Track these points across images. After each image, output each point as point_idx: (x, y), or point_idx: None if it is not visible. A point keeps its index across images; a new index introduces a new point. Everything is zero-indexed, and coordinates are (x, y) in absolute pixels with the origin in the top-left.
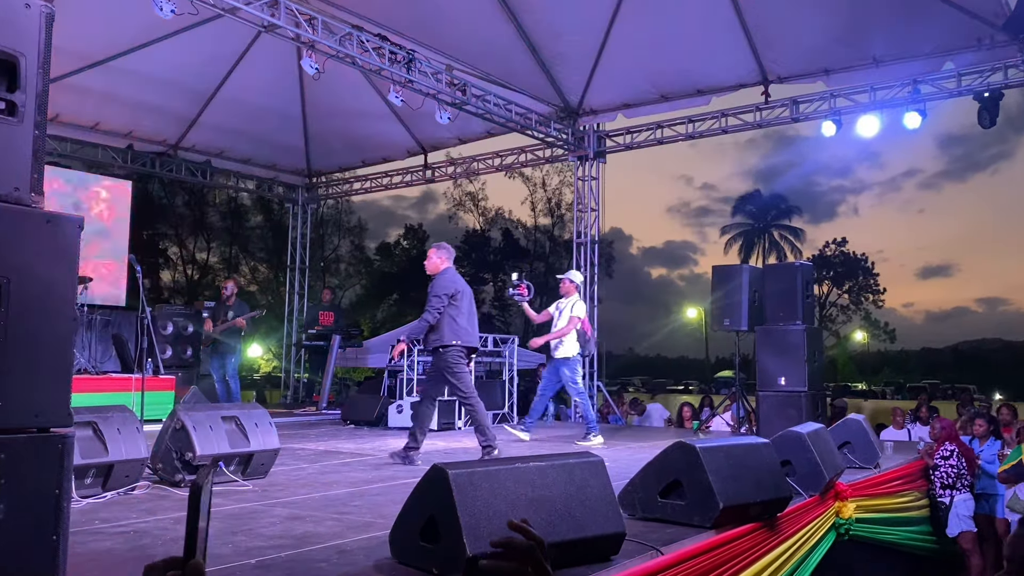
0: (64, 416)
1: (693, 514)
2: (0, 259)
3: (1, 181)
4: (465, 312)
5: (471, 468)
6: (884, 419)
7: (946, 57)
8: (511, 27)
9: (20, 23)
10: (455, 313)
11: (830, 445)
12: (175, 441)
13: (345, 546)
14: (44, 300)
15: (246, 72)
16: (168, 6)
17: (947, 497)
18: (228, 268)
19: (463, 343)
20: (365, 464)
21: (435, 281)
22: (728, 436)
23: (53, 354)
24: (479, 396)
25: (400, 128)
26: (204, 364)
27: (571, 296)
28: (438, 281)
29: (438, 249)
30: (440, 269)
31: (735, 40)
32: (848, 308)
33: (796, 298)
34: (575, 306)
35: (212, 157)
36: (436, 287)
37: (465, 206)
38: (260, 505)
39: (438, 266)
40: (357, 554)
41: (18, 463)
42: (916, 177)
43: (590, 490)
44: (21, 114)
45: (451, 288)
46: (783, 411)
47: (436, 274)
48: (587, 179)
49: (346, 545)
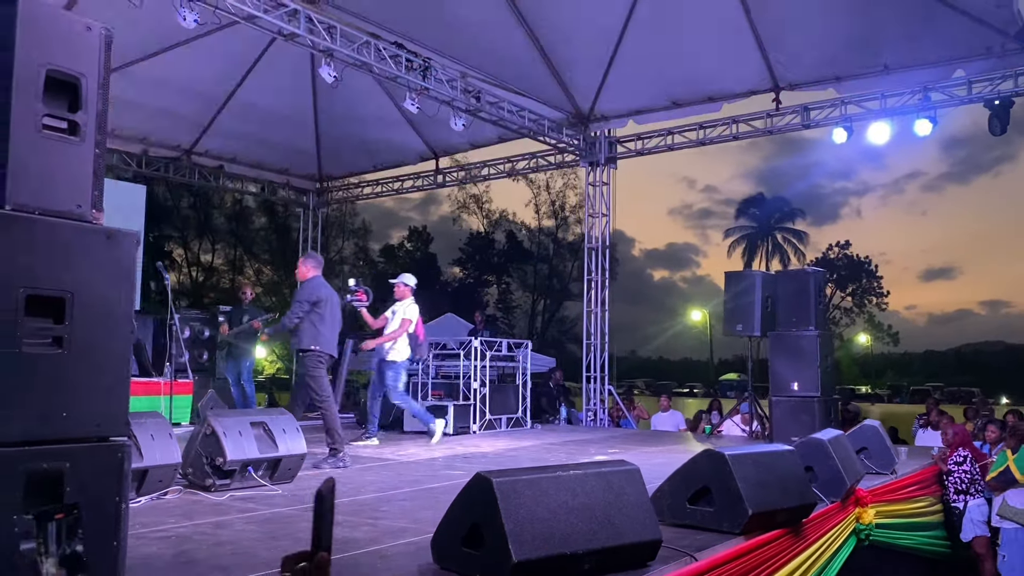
0: (122, 425)
1: (722, 520)
2: (63, 275)
3: (64, 198)
4: (328, 319)
5: (514, 476)
6: (894, 423)
7: (957, 65)
8: (524, 34)
9: (81, 45)
10: (317, 320)
11: (850, 452)
12: (205, 446)
13: (385, 551)
14: (104, 313)
15: (260, 78)
16: (191, 16)
17: (961, 502)
18: (233, 270)
19: (322, 349)
20: (387, 468)
21: (301, 287)
22: (743, 440)
23: (112, 366)
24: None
25: (412, 133)
26: (219, 368)
27: (405, 299)
28: (303, 288)
29: (307, 259)
30: (308, 277)
31: (746, 47)
32: (851, 311)
33: (809, 303)
34: (407, 309)
35: (225, 162)
36: (301, 293)
37: (469, 208)
38: (293, 510)
39: (305, 274)
40: (399, 559)
41: (81, 471)
42: (919, 179)
43: (627, 497)
44: (83, 133)
45: (315, 295)
46: (796, 416)
47: (303, 281)
48: (597, 184)
49: (386, 551)
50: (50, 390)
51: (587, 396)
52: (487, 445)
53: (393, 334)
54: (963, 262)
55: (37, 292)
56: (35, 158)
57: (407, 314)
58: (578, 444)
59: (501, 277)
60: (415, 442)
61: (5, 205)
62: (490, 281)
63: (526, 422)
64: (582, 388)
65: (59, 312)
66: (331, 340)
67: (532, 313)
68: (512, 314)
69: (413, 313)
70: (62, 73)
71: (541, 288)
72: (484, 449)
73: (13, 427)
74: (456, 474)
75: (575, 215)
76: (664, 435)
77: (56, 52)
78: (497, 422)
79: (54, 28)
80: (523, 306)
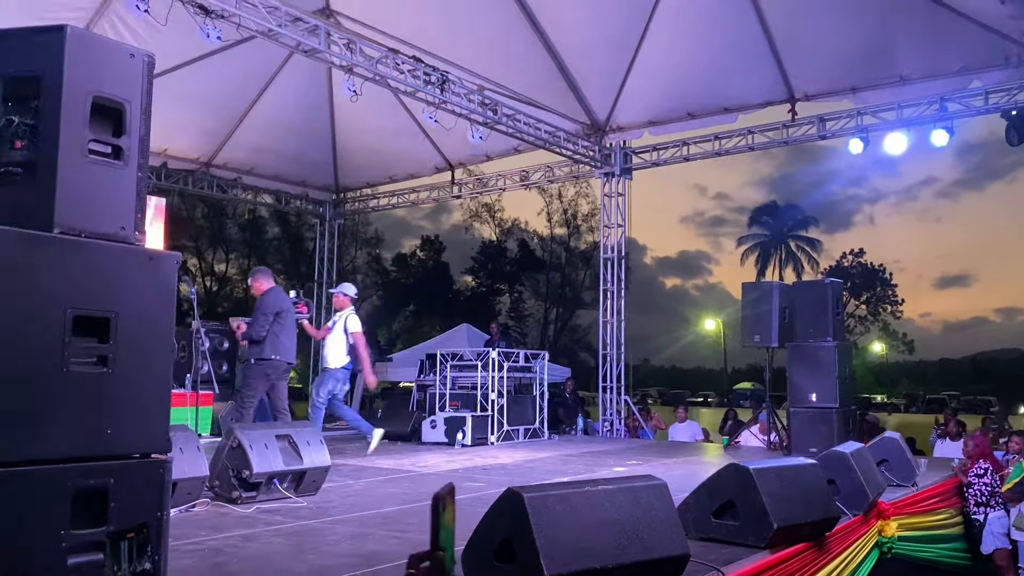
0: (164, 442)
1: (747, 534)
2: (108, 295)
3: (108, 221)
4: (287, 329)
5: (544, 492)
6: (911, 433)
7: (973, 75)
8: (540, 47)
9: (125, 72)
10: (279, 330)
11: (871, 464)
12: (232, 459)
13: None
14: (146, 333)
15: (278, 90)
16: (214, 32)
17: (981, 514)
18: (246, 280)
19: (282, 358)
20: (408, 480)
21: (260, 300)
22: (761, 452)
23: (154, 384)
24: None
25: (428, 145)
26: (239, 379)
27: (344, 309)
28: (264, 300)
29: (258, 273)
30: (264, 289)
31: (762, 58)
32: (866, 319)
33: (827, 314)
34: (348, 320)
35: (242, 174)
36: (263, 306)
37: (481, 217)
38: (319, 523)
39: (261, 287)
40: None
41: (126, 488)
42: (933, 186)
43: (655, 512)
44: (127, 158)
45: (276, 306)
46: (814, 427)
47: (260, 295)
48: (613, 195)
49: None
50: (95, 408)
51: (603, 406)
52: (505, 456)
53: (323, 333)
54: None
55: (83, 313)
56: (82, 182)
57: (350, 325)
58: (596, 456)
59: (513, 286)
60: (434, 453)
61: (54, 229)
62: (502, 290)
63: (543, 433)
64: (596, 398)
65: (104, 332)
66: (290, 349)
67: (544, 322)
68: (524, 323)
69: (355, 324)
70: (107, 99)
71: (553, 297)
72: (503, 460)
73: (61, 445)
74: (477, 486)
75: (587, 223)
76: (682, 446)
77: (102, 79)
78: (515, 433)
79: (100, 56)
80: (535, 315)
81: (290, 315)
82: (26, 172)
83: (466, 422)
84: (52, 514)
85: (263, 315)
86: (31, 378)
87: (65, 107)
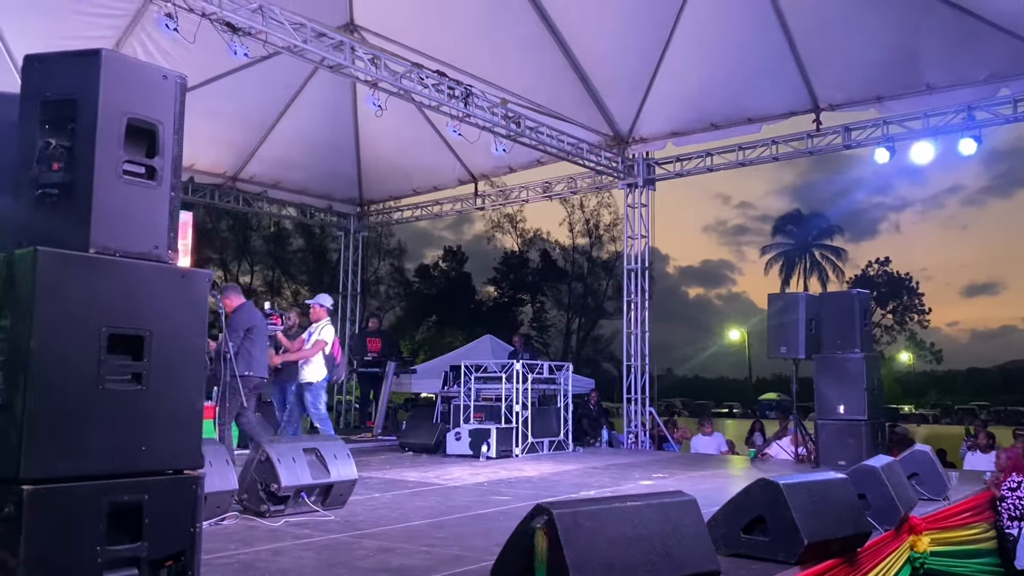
0: (196, 458)
1: (778, 550)
2: (142, 314)
3: (142, 240)
4: (258, 344)
5: (574, 508)
6: (941, 444)
7: (1001, 83)
8: (563, 60)
9: (159, 93)
10: (251, 345)
11: (902, 478)
12: (260, 473)
13: None
14: (179, 350)
15: (303, 105)
16: (242, 49)
17: (1015, 528)
18: (271, 291)
19: (255, 373)
20: (434, 493)
21: (233, 316)
22: (789, 465)
23: (187, 401)
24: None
25: (451, 158)
26: (265, 392)
27: (321, 321)
28: (237, 316)
29: (228, 290)
30: (236, 306)
31: (786, 68)
32: (892, 328)
33: (854, 326)
34: (323, 330)
35: (268, 188)
36: (235, 322)
37: (503, 227)
38: (347, 537)
39: (232, 304)
40: None
41: (159, 504)
42: (959, 193)
43: (685, 529)
44: (160, 178)
45: (249, 322)
46: (843, 440)
47: (231, 311)
48: (636, 206)
49: None
50: (130, 425)
51: (627, 418)
52: (531, 469)
53: (304, 353)
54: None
55: (118, 331)
56: (116, 202)
57: (323, 335)
58: (621, 468)
59: (535, 296)
60: (459, 466)
61: (89, 249)
62: (524, 300)
63: (568, 445)
64: (621, 409)
65: (138, 350)
66: (263, 363)
67: (567, 332)
68: (547, 333)
69: (329, 335)
70: (141, 121)
71: (576, 307)
72: (528, 473)
73: (98, 461)
74: (503, 499)
75: (609, 233)
76: (708, 459)
77: (136, 101)
78: (539, 445)
79: (134, 78)
80: (557, 325)
81: (261, 330)
82: (63, 193)
83: (491, 434)
84: (88, 530)
85: (235, 332)
86: (68, 395)
87: (100, 129)
